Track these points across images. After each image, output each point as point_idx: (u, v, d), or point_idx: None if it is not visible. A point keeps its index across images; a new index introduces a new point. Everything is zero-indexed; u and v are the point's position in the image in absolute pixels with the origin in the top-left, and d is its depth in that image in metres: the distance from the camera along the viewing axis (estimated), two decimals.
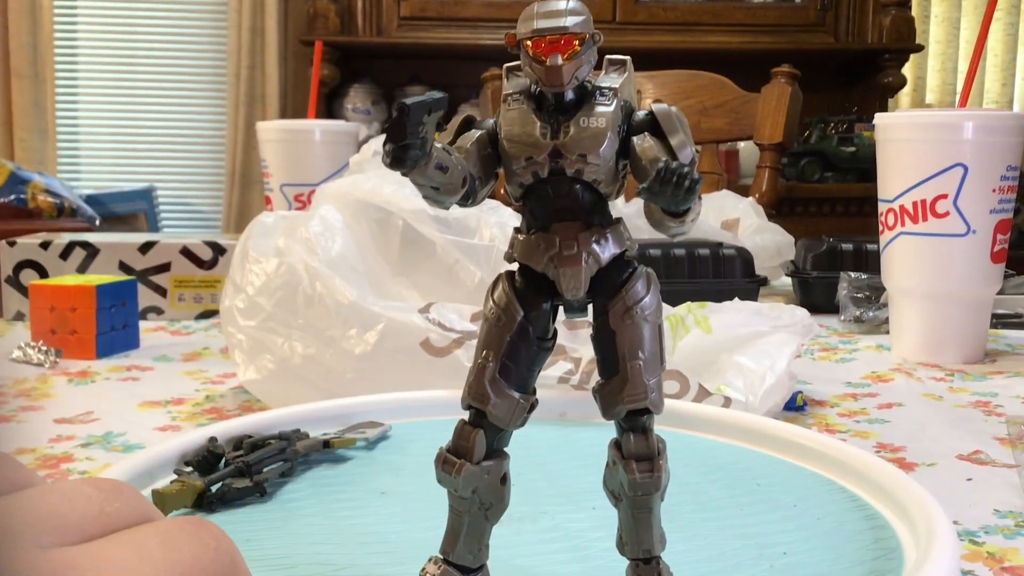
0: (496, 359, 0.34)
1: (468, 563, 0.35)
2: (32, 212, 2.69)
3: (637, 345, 0.33)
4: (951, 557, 0.37)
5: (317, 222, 0.73)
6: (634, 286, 0.34)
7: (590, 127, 0.33)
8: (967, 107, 0.89)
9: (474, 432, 0.34)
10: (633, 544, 0.34)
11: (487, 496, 0.34)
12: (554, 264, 0.34)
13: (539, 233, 0.34)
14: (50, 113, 3.25)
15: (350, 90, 3.13)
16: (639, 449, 0.34)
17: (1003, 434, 0.66)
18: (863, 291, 1.02)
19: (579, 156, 0.33)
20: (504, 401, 0.34)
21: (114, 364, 0.85)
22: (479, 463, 0.34)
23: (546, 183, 0.34)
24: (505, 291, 0.34)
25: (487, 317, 0.34)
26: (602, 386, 0.34)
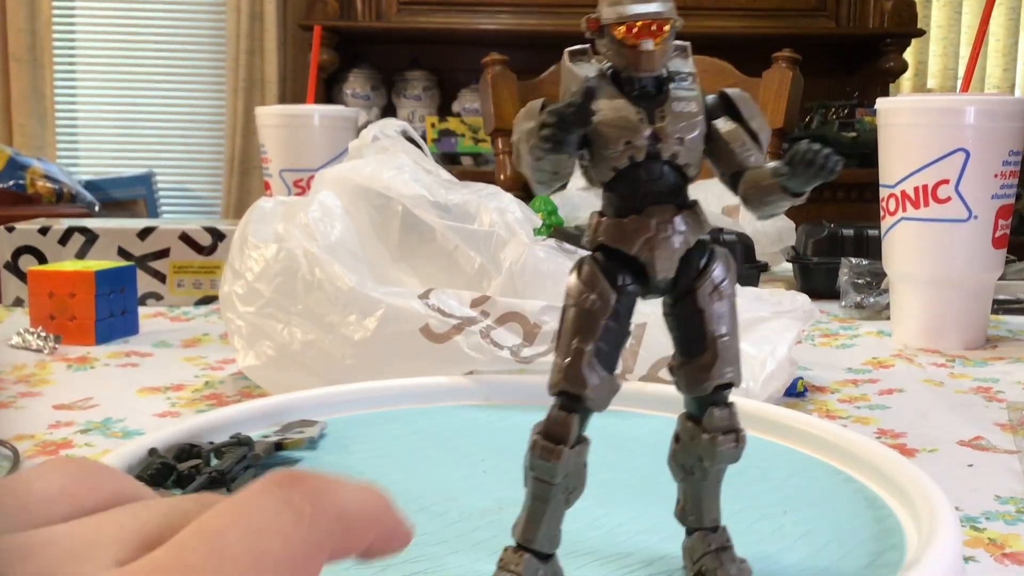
0: (592, 343, 0.34)
1: (547, 549, 0.35)
2: (31, 198, 2.68)
3: (723, 323, 0.35)
4: (954, 543, 0.37)
5: (316, 208, 0.73)
6: (718, 266, 0.35)
7: (685, 111, 0.34)
8: (969, 92, 0.89)
9: (570, 417, 0.34)
10: (701, 515, 0.36)
11: (573, 480, 0.35)
12: (649, 247, 0.34)
13: (632, 216, 0.34)
14: (49, 98, 3.24)
15: (349, 75, 3.12)
16: (724, 422, 0.35)
17: (1004, 420, 0.65)
18: (864, 277, 1.02)
19: (677, 140, 0.34)
20: (602, 385, 0.34)
21: (113, 350, 0.85)
22: (572, 447, 0.34)
23: (638, 167, 0.34)
24: (596, 276, 0.34)
25: (577, 303, 0.34)
26: (685, 363, 0.35)
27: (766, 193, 0.34)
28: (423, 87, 3.17)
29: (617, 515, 0.43)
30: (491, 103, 1.73)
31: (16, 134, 3.21)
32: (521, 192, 1.59)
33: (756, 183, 0.34)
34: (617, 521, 0.43)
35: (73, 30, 3.39)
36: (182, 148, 3.44)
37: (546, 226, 1.12)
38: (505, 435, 0.55)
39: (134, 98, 3.41)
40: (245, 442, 0.49)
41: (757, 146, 0.35)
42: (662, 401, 0.58)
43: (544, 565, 0.35)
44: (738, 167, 0.35)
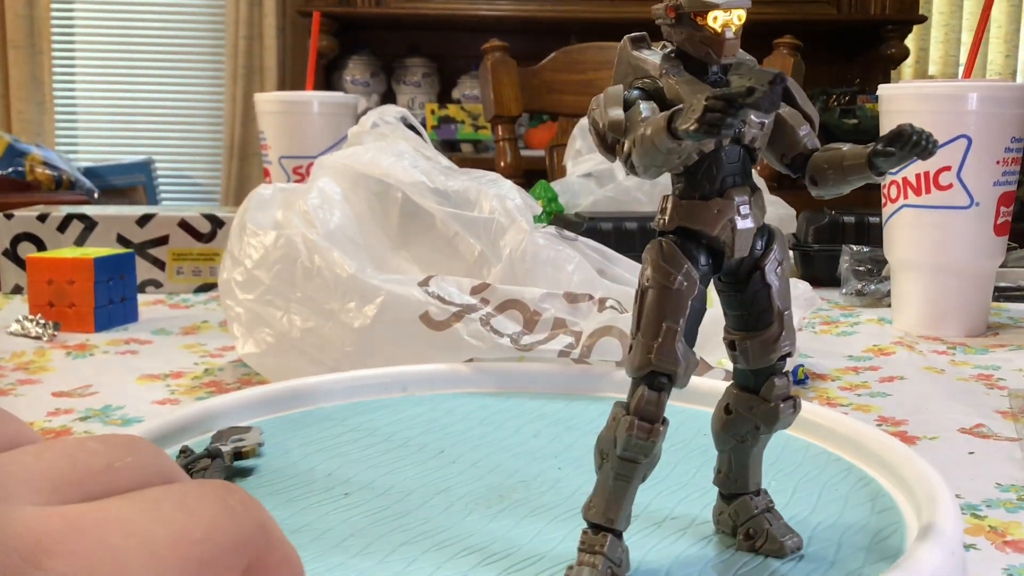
0: (683, 322, 0.35)
1: (624, 527, 0.36)
2: (30, 184, 2.68)
3: (786, 297, 0.36)
4: (954, 531, 0.37)
5: (315, 195, 0.72)
6: (779, 243, 0.36)
7: None
8: (971, 78, 0.88)
9: (660, 396, 0.35)
10: (747, 480, 0.39)
11: (655, 459, 0.36)
12: (731, 227, 0.35)
13: (716, 199, 0.35)
14: (47, 85, 3.23)
15: (349, 62, 3.11)
16: (784, 390, 0.37)
17: (1005, 407, 0.65)
18: (865, 264, 1.01)
19: (758, 124, 0.35)
20: (691, 363, 0.35)
21: (112, 337, 0.85)
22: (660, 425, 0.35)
23: (721, 151, 0.35)
24: (678, 257, 0.35)
25: (663, 283, 0.35)
26: (749, 337, 0.37)
27: (850, 172, 0.34)
28: (423, 74, 3.16)
29: None
30: (491, 90, 1.73)
31: (15, 121, 3.20)
32: (521, 179, 1.59)
33: (836, 163, 0.35)
34: None
35: (71, 16, 3.38)
36: (181, 135, 3.44)
37: (546, 213, 1.12)
38: (497, 423, 0.55)
39: (133, 85, 3.40)
40: (215, 454, 0.47)
41: (812, 129, 0.36)
42: None
43: (621, 543, 0.36)
44: (803, 149, 0.36)
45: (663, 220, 0.36)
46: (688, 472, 0.47)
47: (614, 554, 0.35)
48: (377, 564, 0.37)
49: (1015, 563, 0.43)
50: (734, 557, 0.38)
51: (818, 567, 0.37)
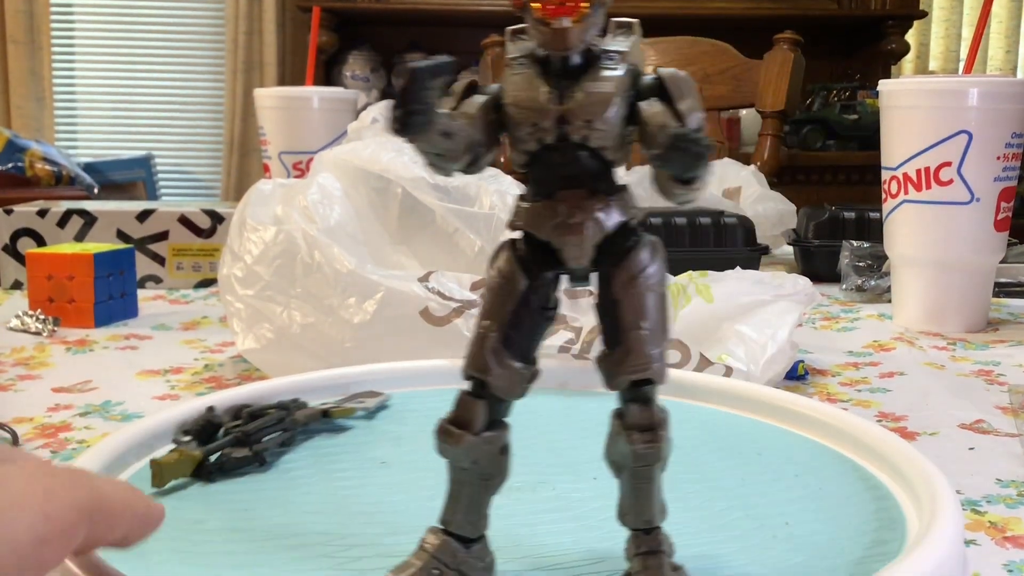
0: (498, 329, 0.33)
1: (468, 533, 0.35)
2: (30, 180, 2.68)
3: (640, 315, 0.33)
4: (955, 527, 0.37)
5: (315, 190, 0.72)
6: (638, 255, 0.33)
7: (597, 92, 0.32)
8: (971, 74, 0.88)
9: (475, 403, 0.33)
10: (634, 514, 0.34)
11: (487, 467, 0.34)
12: (558, 232, 0.33)
13: (544, 201, 0.33)
14: (47, 80, 3.23)
15: (348, 57, 3.11)
16: (641, 420, 0.33)
17: (1005, 403, 0.65)
18: (865, 260, 1.01)
19: (585, 122, 0.32)
20: (506, 372, 0.33)
21: (112, 333, 0.85)
22: (479, 434, 0.33)
23: (551, 150, 0.33)
24: (508, 259, 0.34)
25: (489, 286, 0.34)
26: (605, 356, 0.33)
27: (660, 179, 0.32)
28: None
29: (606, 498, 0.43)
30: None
31: (14, 116, 3.20)
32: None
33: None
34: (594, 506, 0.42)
35: (71, 11, 3.37)
36: (181, 130, 3.43)
37: None
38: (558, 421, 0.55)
39: (133, 80, 3.40)
40: (284, 407, 0.50)
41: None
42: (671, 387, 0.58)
43: (465, 549, 0.34)
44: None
45: (509, 220, 0.34)
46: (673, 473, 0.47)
47: (446, 556, 0.34)
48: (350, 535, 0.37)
49: (1015, 559, 0.43)
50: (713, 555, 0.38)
51: (818, 563, 0.37)
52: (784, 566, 0.37)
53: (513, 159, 0.34)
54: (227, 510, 0.42)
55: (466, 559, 0.34)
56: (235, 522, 0.41)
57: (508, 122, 0.33)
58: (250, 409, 0.50)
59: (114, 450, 0.45)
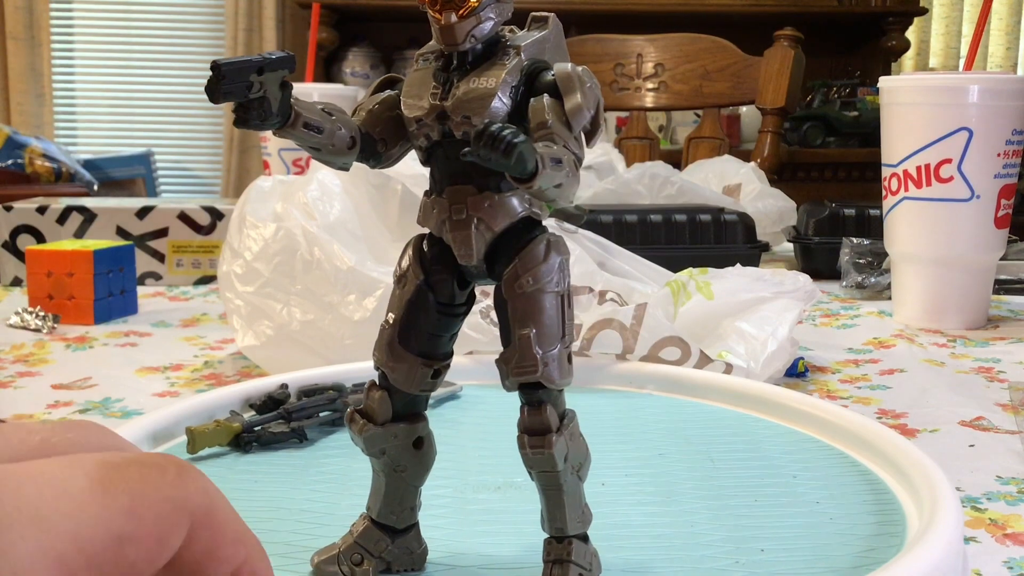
0: (397, 323, 0.33)
1: (392, 523, 0.35)
2: (30, 177, 2.67)
3: (528, 315, 0.32)
4: (955, 524, 0.37)
5: (315, 187, 0.72)
6: (531, 252, 0.32)
7: (478, 88, 0.31)
8: (972, 71, 0.88)
9: (379, 393, 0.33)
10: (546, 521, 0.33)
11: (399, 459, 0.34)
12: (445, 229, 0.33)
13: (434, 196, 0.33)
14: (46, 77, 3.22)
15: (348, 53, 3.10)
16: (531, 424, 0.32)
17: (1005, 400, 0.65)
18: (865, 257, 1.01)
19: (464, 118, 0.31)
20: (402, 365, 0.33)
21: (112, 330, 0.85)
22: (384, 424, 0.33)
23: (441, 146, 0.32)
24: (409, 255, 0.34)
25: (394, 280, 0.34)
26: (500, 356, 0.33)
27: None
28: None
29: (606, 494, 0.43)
30: None
31: (14, 113, 3.20)
32: None
33: None
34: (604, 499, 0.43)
35: (71, 8, 3.37)
36: (181, 127, 3.43)
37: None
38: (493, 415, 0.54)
39: (133, 77, 3.39)
40: (337, 388, 0.52)
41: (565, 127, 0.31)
42: (662, 381, 0.58)
43: (388, 538, 0.35)
44: None
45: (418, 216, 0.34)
46: (660, 469, 0.47)
47: (368, 543, 0.34)
48: None
49: (1015, 556, 0.43)
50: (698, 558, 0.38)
51: (818, 560, 0.37)
52: (783, 564, 0.37)
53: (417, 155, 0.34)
54: (239, 480, 0.43)
55: (390, 548, 0.35)
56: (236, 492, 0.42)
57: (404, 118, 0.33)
58: (305, 388, 0.52)
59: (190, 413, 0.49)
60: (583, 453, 0.33)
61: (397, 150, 0.34)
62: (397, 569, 0.35)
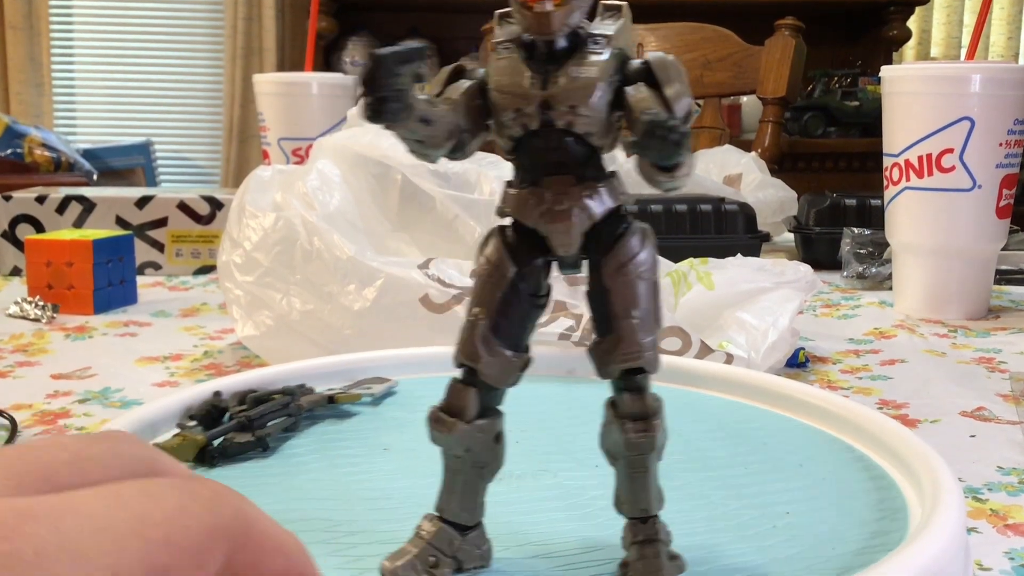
0: (488, 316, 0.33)
1: (464, 521, 0.35)
2: (29, 166, 2.67)
3: (631, 303, 0.32)
4: (956, 515, 0.36)
5: (315, 176, 0.72)
6: (628, 241, 0.33)
7: (581, 77, 0.31)
8: (974, 60, 0.88)
9: (466, 391, 0.33)
10: (630, 503, 0.34)
11: (481, 455, 0.34)
12: (545, 219, 0.32)
13: (530, 187, 0.33)
14: (46, 67, 3.22)
15: (348, 43, 3.10)
16: (634, 408, 0.33)
17: (1006, 390, 0.65)
18: (866, 247, 1.01)
19: (569, 107, 0.31)
20: (496, 360, 0.33)
21: (112, 319, 0.85)
22: (471, 422, 0.33)
23: (536, 135, 0.32)
24: (497, 246, 0.33)
25: (479, 273, 0.33)
26: (597, 344, 0.33)
27: (643, 166, 0.31)
28: None
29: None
30: None
31: (13, 102, 3.19)
32: None
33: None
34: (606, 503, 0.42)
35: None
36: (180, 116, 3.42)
37: None
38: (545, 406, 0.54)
39: (132, 66, 3.38)
40: (290, 392, 0.50)
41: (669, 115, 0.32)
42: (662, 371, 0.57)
43: (461, 536, 0.34)
44: None
45: (497, 207, 0.34)
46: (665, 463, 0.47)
47: (442, 544, 0.34)
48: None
49: (1017, 546, 0.43)
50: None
51: (819, 552, 0.37)
52: (785, 555, 0.37)
53: (500, 145, 0.33)
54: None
55: (462, 546, 0.34)
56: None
57: (493, 108, 0.33)
58: (255, 394, 0.50)
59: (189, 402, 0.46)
60: (666, 435, 0.34)
61: (478, 141, 0.34)
62: (467, 568, 0.35)
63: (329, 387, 0.54)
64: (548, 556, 0.37)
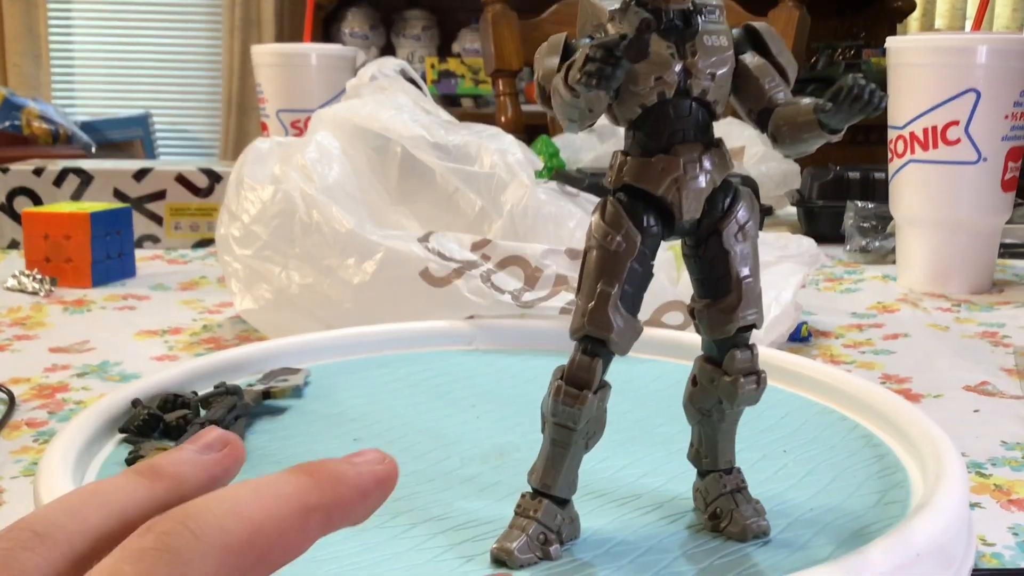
0: (618, 285, 0.33)
1: (566, 494, 0.35)
2: (27, 139, 2.66)
3: (748, 263, 0.34)
4: (960, 490, 0.36)
5: (313, 148, 0.71)
6: (742, 206, 0.34)
7: (716, 45, 0.33)
8: (979, 31, 0.87)
9: (594, 362, 0.33)
10: (719, 457, 0.36)
11: (593, 425, 0.34)
12: (676, 187, 0.33)
13: (659, 155, 0.33)
14: (43, 38, 3.19)
15: (347, 14, 3.07)
16: (746, 364, 0.35)
17: (1010, 365, 0.65)
18: (870, 220, 1.00)
19: (708, 75, 0.33)
20: (627, 328, 0.33)
21: (110, 293, 0.84)
22: (595, 392, 0.34)
23: (667, 104, 0.33)
24: (619, 216, 0.33)
25: (601, 244, 0.33)
26: (709, 305, 0.34)
27: (803, 130, 0.32)
28: (422, 27, 3.12)
29: (618, 458, 0.43)
30: (491, 43, 1.70)
31: (11, 74, 3.17)
32: (522, 134, 1.57)
33: (791, 119, 0.33)
34: (619, 464, 0.42)
35: None
36: (179, 88, 3.40)
37: (548, 168, 1.10)
38: (491, 379, 0.54)
39: (130, 38, 3.36)
40: (234, 391, 0.48)
41: (785, 82, 0.34)
42: (665, 346, 0.57)
43: (562, 510, 0.35)
44: (768, 103, 0.33)
45: (611, 177, 0.34)
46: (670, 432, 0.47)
47: (549, 520, 0.34)
48: None
49: (1020, 521, 0.42)
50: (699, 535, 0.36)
51: (822, 525, 0.37)
52: (788, 530, 0.36)
53: (620, 114, 0.34)
54: None
55: (562, 520, 0.35)
56: None
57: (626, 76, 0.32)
58: (196, 397, 0.48)
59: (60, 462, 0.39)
60: None
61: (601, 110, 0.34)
62: (565, 540, 0.35)
63: (242, 383, 0.51)
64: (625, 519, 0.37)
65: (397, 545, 0.35)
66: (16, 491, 0.45)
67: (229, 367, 0.53)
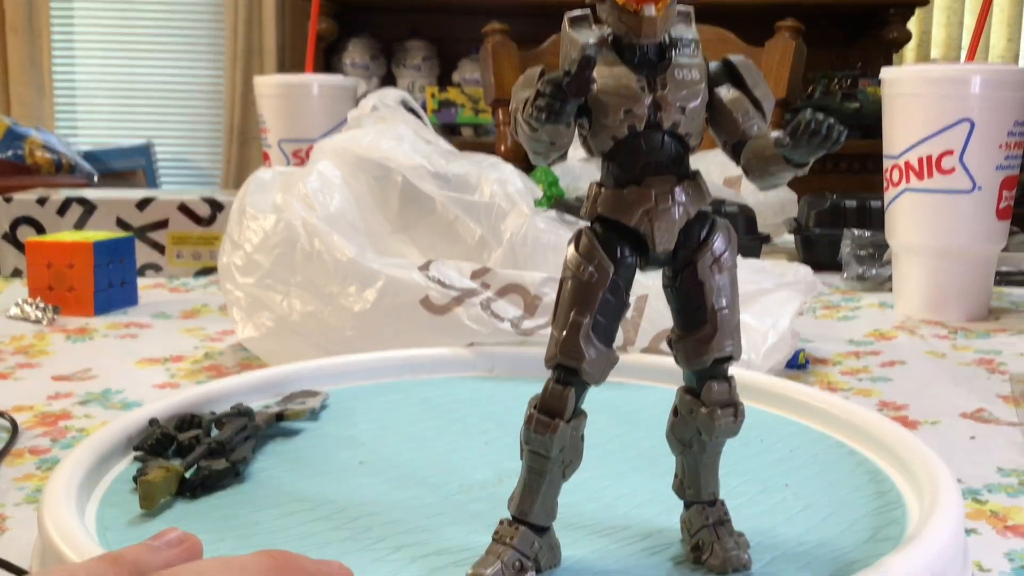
0: (590, 316, 0.33)
1: (544, 522, 0.35)
2: (30, 168, 2.67)
3: (724, 295, 0.34)
4: (955, 516, 0.37)
5: (315, 178, 0.72)
6: (719, 237, 0.34)
7: (687, 79, 0.33)
8: (974, 62, 0.88)
9: (566, 391, 0.34)
10: (702, 488, 0.36)
11: (569, 454, 0.34)
12: (648, 218, 0.34)
13: (631, 187, 0.34)
14: (46, 69, 3.22)
15: (348, 44, 3.09)
16: (723, 396, 0.35)
17: (1007, 392, 0.65)
18: (866, 248, 1.01)
19: (679, 108, 0.33)
20: (599, 358, 0.34)
21: (112, 321, 0.85)
22: (569, 421, 0.34)
23: (639, 136, 0.33)
24: (593, 247, 0.34)
25: (574, 274, 0.34)
26: (684, 336, 0.35)
27: (768, 163, 0.33)
28: (423, 57, 3.15)
29: (616, 488, 0.43)
30: (491, 73, 1.72)
31: (14, 104, 3.19)
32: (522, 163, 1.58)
33: (759, 153, 0.33)
34: (615, 494, 0.42)
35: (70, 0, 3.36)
36: (181, 118, 3.42)
37: (547, 197, 1.11)
38: (506, 406, 0.54)
39: (132, 68, 3.38)
40: (245, 412, 0.49)
41: (760, 115, 0.34)
42: (663, 373, 0.57)
43: (539, 538, 0.35)
44: (740, 136, 0.34)
45: (586, 208, 0.35)
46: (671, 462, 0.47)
47: (525, 547, 0.34)
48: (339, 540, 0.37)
49: (1016, 548, 0.43)
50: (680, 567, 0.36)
51: (819, 551, 0.37)
52: (771, 564, 0.37)
53: (594, 146, 0.34)
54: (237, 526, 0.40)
55: (540, 548, 0.35)
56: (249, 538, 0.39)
57: (596, 109, 0.33)
58: (212, 417, 0.48)
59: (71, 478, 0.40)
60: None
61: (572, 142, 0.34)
62: (543, 568, 0.35)
63: (262, 404, 0.52)
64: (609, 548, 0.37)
65: (376, 569, 0.35)
66: (19, 518, 0.46)
67: (251, 389, 0.54)
